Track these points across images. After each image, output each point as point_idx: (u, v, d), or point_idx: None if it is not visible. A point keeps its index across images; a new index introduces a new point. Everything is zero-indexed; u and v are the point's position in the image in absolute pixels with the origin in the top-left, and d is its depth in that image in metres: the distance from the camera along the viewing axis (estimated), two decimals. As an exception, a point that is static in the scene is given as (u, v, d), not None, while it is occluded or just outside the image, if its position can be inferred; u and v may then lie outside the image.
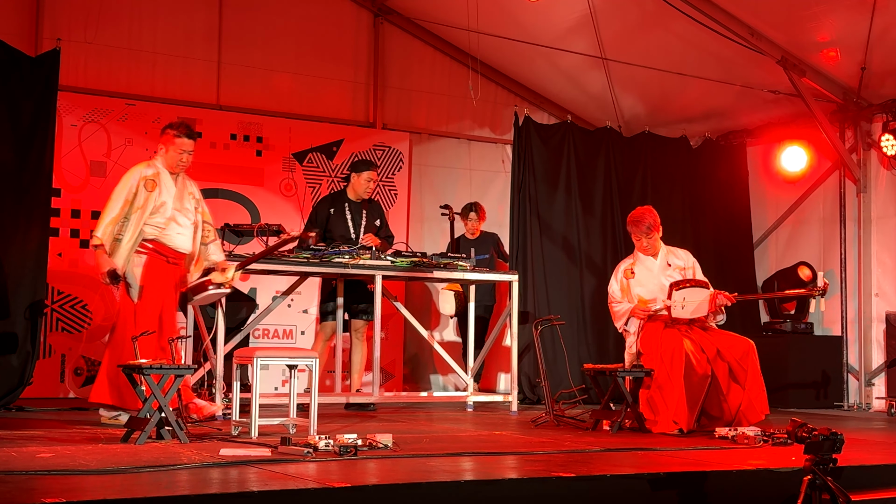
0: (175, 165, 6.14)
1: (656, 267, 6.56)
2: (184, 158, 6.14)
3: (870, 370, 9.06)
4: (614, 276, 6.71)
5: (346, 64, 9.77)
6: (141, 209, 6.00)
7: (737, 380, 6.13)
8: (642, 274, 6.57)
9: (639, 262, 6.64)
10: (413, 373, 9.86)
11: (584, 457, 4.79)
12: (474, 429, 6.39)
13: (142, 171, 6.11)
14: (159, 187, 6.07)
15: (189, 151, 6.15)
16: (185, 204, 6.19)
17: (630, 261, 6.70)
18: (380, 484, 3.74)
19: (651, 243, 6.56)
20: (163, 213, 6.07)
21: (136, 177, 6.07)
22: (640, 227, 6.55)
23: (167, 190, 6.11)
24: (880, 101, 8.91)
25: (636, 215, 6.62)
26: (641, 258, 6.64)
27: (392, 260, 7.24)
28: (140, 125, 8.73)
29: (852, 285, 9.26)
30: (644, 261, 6.62)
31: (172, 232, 6.11)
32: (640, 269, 6.60)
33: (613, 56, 9.05)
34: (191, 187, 6.28)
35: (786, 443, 5.32)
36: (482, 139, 10.32)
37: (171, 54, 8.98)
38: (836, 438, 3.73)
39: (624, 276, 6.63)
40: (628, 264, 6.69)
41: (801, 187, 9.74)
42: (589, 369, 6.57)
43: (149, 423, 5.00)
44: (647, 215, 6.56)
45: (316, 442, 4.63)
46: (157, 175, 6.10)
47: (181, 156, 6.13)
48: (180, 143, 6.12)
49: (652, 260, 6.59)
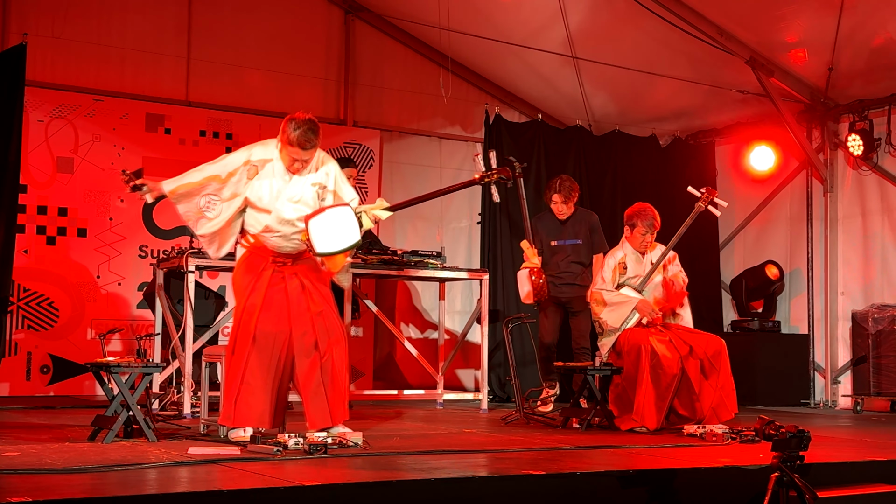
0: (289, 166, 5.06)
1: (644, 265, 6.45)
2: (297, 166, 5.03)
3: (836, 368, 9.15)
4: (607, 265, 6.46)
5: (317, 61, 9.73)
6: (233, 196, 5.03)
7: (708, 378, 6.15)
8: (633, 271, 6.42)
9: (628, 256, 6.46)
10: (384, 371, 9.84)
11: (554, 454, 4.80)
12: (445, 427, 6.38)
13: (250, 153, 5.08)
14: (262, 178, 5.03)
15: (304, 160, 5.00)
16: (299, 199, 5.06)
17: (621, 253, 6.48)
18: (350, 482, 3.72)
19: (648, 241, 6.46)
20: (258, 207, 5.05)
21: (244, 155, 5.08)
22: (646, 219, 6.39)
23: (271, 183, 5.04)
24: (847, 102, 8.99)
25: (642, 207, 6.46)
26: (629, 252, 6.47)
27: (362, 257, 7.23)
28: (108, 121, 8.65)
29: (819, 284, 9.34)
30: (630, 255, 6.47)
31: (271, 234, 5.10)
32: (631, 264, 6.44)
33: (584, 55, 9.07)
34: (317, 175, 5.10)
35: (754, 440, 5.35)
36: (453, 137, 10.31)
37: (140, 50, 8.90)
38: (802, 436, 3.76)
39: (618, 269, 6.41)
40: (620, 257, 6.46)
41: (769, 187, 9.82)
42: (559, 367, 6.58)
43: (116, 421, 4.95)
44: (652, 211, 6.44)
45: (286, 440, 4.61)
46: (264, 163, 5.04)
47: (293, 163, 5.03)
48: (290, 152, 4.99)
49: (639, 255, 6.48)
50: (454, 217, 10.14)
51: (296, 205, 5.04)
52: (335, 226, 4.86)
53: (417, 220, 10.05)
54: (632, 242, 6.48)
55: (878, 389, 8.29)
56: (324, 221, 4.84)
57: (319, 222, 4.83)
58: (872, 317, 8.36)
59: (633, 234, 6.46)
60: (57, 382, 8.33)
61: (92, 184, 8.58)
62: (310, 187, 5.06)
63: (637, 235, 6.43)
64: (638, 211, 6.47)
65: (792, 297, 9.64)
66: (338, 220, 4.86)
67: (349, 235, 4.87)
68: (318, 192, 5.07)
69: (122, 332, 8.33)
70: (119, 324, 8.32)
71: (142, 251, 8.73)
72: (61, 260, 8.44)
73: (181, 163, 8.79)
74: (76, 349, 8.35)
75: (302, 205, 5.04)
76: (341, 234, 4.86)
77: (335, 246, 4.86)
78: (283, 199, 5.03)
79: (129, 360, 5.17)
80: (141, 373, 5.11)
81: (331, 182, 5.12)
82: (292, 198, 5.04)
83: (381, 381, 9.71)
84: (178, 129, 8.93)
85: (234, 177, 5.04)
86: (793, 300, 9.63)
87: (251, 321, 4.96)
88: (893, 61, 8.16)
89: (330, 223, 4.85)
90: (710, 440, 5.47)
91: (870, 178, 9.01)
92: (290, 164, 5.01)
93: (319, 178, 5.09)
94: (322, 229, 4.83)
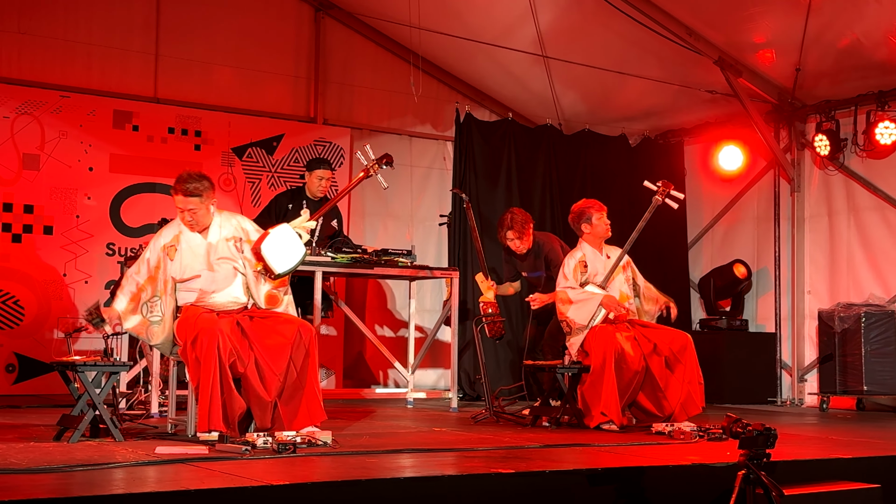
0: (184, 222, 5.28)
1: (602, 262, 6.46)
2: (188, 218, 5.23)
3: (802, 366, 9.23)
4: (567, 264, 6.45)
5: (287, 58, 9.69)
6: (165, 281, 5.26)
7: (674, 373, 6.18)
8: (594, 269, 6.41)
9: (587, 255, 6.46)
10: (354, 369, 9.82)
11: (523, 453, 4.81)
12: (414, 425, 6.38)
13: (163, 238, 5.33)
14: (180, 251, 5.26)
15: (191, 209, 5.19)
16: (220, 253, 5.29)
17: (580, 253, 6.47)
18: (319, 481, 3.72)
19: (607, 224, 6.46)
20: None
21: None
22: (596, 207, 6.44)
23: (189, 249, 5.27)
24: (814, 102, 9.07)
25: (584, 202, 6.53)
26: (588, 251, 6.47)
27: (332, 256, 7.21)
28: (75, 117, 8.57)
29: (786, 283, 9.42)
30: (589, 254, 6.47)
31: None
32: (591, 263, 6.43)
33: (554, 54, 9.10)
34: (228, 230, 5.34)
35: (721, 438, 5.39)
36: (423, 135, 10.30)
37: (107, 46, 8.82)
38: (769, 434, 3.79)
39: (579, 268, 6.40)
40: (580, 256, 6.45)
41: (737, 186, 9.89)
42: (528, 366, 6.59)
43: (82, 420, 4.91)
44: (598, 202, 6.51)
45: (254, 440, 4.59)
46: (176, 238, 5.29)
47: (184, 217, 5.25)
48: (177, 202, 5.23)
49: (597, 253, 6.49)
50: (425, 215, 10.13)
51: (220, 261, 5.25)
52: (283, 244, 5.21)
53: (388, 219, 10.04)
54: (593, 235, 6.48)
55: (844, 388, 8.37)
56: (273, 242, 5.17)
57: (270, 244, 5.16)
58: (838, 315, 8.44)
59: (593, 226, 6.47)
60: (23, 381, 8.25)
61: (58, 181, 8.49)
62: (226, 243, 5.29)
63: (598, 223, 6.46)
64: (584, 205, 6.52)
65: (759, 295, 9.72)
66: (283, 238, 5.22)
67: (297, 249, 5.24)
68: (234, 245, 5.31)
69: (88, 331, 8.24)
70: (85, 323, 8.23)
71: (109, 249, 8.65)
72: (27, 258, 8.36)
73: (149, 160, 8.78)
74: (42, 348, 8.27)
75: (225, 261, 5.26)
76: (290, 250, 5.22)
77: (289, 263, 5.21)
78: (206, 258, 5.25)
79: (95, 359, 5.13)
80: (108, 371, 5.07)
81: (245, 234, 5.35)
82: (215, 255, 5.26)
83: (351, 379, 9.69)
84: (146, 127, 8.86)
85: (160, 270, 5.26)
86: (760, 299, 9.71)
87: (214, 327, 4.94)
88: (860, 62, 8.24)
89: (278, 242, 5.19)
90: (679, 438, 5.51)
91: (836, 178, 9.10)
92: (182, 219, 5.23)
93: (232, 233, 5.33)
94: (274, 250, 5.17)
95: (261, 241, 5.16)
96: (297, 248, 5.21)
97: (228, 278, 5.27)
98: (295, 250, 5.20)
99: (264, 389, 4.93)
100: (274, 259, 5.15)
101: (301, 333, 5.06)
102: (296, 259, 5.20)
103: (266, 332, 5.06)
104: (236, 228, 5.35)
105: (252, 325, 5.10)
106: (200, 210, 5.22)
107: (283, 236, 5.19)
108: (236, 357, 4.94)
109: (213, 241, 5.28)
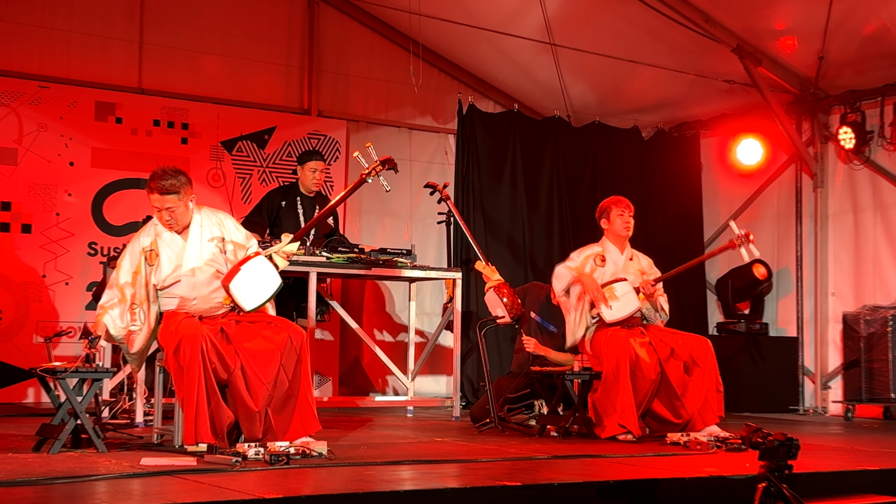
0: (162, 221, 5.28)
1: (622, 261, 6.53)
2: (165, 217, 5.23)
3: (826, 372, 9.23)
4: (579, 251, 6.56)
5: (279, 46, 9.69)
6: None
7: (693, 381, 6.19)
8: (611, 267, 6.47)
9: (607, 252, 6.53)
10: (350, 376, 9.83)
11: (530, 464, 4.81)
12: (414, 435, 6.38)
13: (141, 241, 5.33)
14: (159, 255, 5.26)
15: (168, 208, 5.19)
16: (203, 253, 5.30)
17: (599, 248, 6.55)
18: (314, 495, 3.72)
19: (630, 222, 6.51)
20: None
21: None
22: (620, 204, 6.52)
23: (168, 253, 5.28)
24: (838, 93, 9.07)
25: (615, 197, 6.61)
26: (609, 247, 6.54)
27: (327, 256, 7.21)
28: (55, 109, 8.58)
29: (808, 284, 9.42)
30: (611, 251, 6.54)
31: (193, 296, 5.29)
32: (610, 260, 6.51)
33: (562, 41, 9.10)
34: (210, 230, 5.34)
35: (740, 449, 5.39)
36: (424, 128, 10.31)
37: (88, 33, 8.82)
38: (791, 444, 3.79)
39: (594, 261, 6.46)
40: (598, 250, 6.54)
41: (756, 182, 9.89)
42: (535, 372, 6.59)
43: (63, 430, 4.91)
44: (621, 196, 6.59)
45: (245, 450, 4.59)
46: (154, 241, 5.29)
47: (161, 217, 5.25)
48: (152, 201, 5.21)
49: (618, 252, 6.55)
50: (425, 213, 10.13)
51: (203, 266, 5.23)
52: (255, 278, 5.13)
53: (386, 217, 10.04)
54: (612, 233, 6.55)
55: (870, 395, 8.37)
56: (243, 280, 5.10)
57: (239, 282, 5.10)
58: (864, 319, 8.44)
59: (611, 223, 6.54)
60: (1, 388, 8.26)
61: (37, 176, 8.50)
62: (207, 244, 5.28)
63: (616, 218, 6.52)
64: (608, 201, 6.61)
65: (780, 297, 9.72)
66: (255, 272, 5.14)
67: (270, 282, 5.16)
68: (217, 245, 5.29)
69: (69, 335, 8.26)
70: (67, 326, 8.26)
71: (91, 248, 8.66)
72: (4, 258, 8.36)
73: (133, 154, 8.79)
74: (20, 353, 8.27)
75: (207, 265, 5.24)
76: (263, 284, 5.15)
77: (261, 298, 5.15)
78: (187, 261, 5.22)
79: (77, 365, 5.13)
80: (90, 378, 5.07)
81: (227, 232, 5.34)
82: (196, 258, 5.23)
83: (347, 387, 9.69)
84: (129, 119, 8.86)
85: (139, 274, 5.25)
86: (781, 301, 9.71)
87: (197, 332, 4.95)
88: (886, 50, 8.24)
89: (249, 279, 5.11)
90: (695, 449, 5.51)
91: (862, 173, 9.10)
92: (160, 219, 5.22)
93: (214, 233, 5.31)
94: (243, 287, 5.11)
95: (231, 276, 5.10)
96: (269, 281, 5.15)
97: (212, 282, 5.25)
98: (268, 284, 5.15)
99: (251, 398, 4.93)
100: (243, 297, 5.10)
101: (292, 338, 5.06)
102: (268, 293, 5.15)
103: (253, 336, 5.06)
104: (218, 226, 5.34)
105: (238, 329, 5.09)
106: (179, 208, 5.20)
107: (256, 271, 5.13)
108: (219, 364, 4.94)
109: (195, 243, 5.26)
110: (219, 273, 5.25)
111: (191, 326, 5.02)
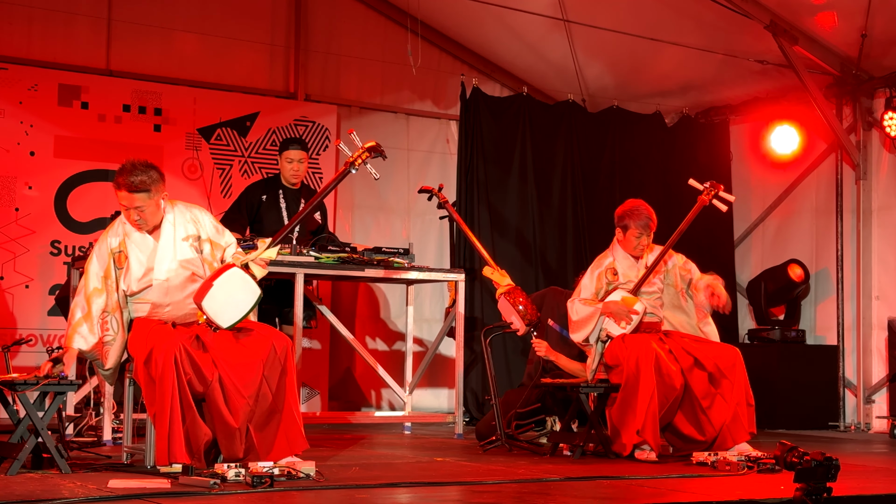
0: (131, 222, 5.27)
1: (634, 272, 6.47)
2: (134, 217, 5.22)
3: (869, 385, 9.23)
4: (590, 272, 6.51)
5: (263, 23, 9.69)
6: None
7: (721, 393, 6.18)
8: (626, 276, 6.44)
9: (618, 261, 6.51)
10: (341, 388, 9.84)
11: (541, 487, 4.81)
12: (412, 454, 6.39)
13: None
14: (128, 258, 5.27)
15: (137, 207, 5.18)
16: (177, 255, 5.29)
17: (609, 259, 6.53)
18: (300, 521, 3.72)
19: (644, 244, 6.46)
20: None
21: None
22: (640, 219, 6.41)
23: (138, 255, 5.28)
24: (883, 74, 9.06)
25: (634, 205, 6.49)
26: (620, 256, 6.52)
27: (315, 255, 7.20)
28: (14, 93, 8.59)
29: (850, 287, 9.42)
30: (621, 258, 6.51)
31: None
32: (622, 269, 6.47)
33: (577, 18, 9.10)
34: (185, 228, 5.34)
35: (773, 469, 5.39)
36: (423, 114, 10.31)
37: (50, 9, 8.83)
38: (830, 464, 3.80)
39: (606, 275, 6.44)
40: (608, 263, 6.50)
41: (792, 173, 9.89)
42: (547, 384, 6.59)
43: (23, 449, 4.91)
44: (646, 209, 6.46)
45: (224, 471, 4.60)
46: (122, 242, 5.29)
47: (129, 216, 5.24)
48: (120, 198, 5.22)
49: (629, 258, 6.51)
50: (424, 208, 10.13)
51: (175, 267, 5.22)
52: (230, 293, 5.07)
53: (381, 212, 10.05)
54: (625, 246, 6.52)
55: (919, 410, 8.38)
56: (216, 296, 5.05)
57: (212, 299, 5.04)
58: (912, 325, 8.46)
59: (626, 238, 6.49)
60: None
61: (-6, 168, 8.53)
62: (181, 244, 5.26)
63: (631, 239, 6.46)
64: (629, 210, 6.49)
65: (818, 301, 9.72)
66: (229, 286, 5.08)
67: (248, 295, 5.11)
68: (192, 244, 5.28)
69: (30, 343, 8.27)
70: (27, 334, 8.26)
71: (54, 248, 8.67)
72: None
73: (101, 143, 8.79)
74: (-25, 364, 8.29)
75: (182, 267, 5.23)
76: (239, 298, 5.09)
77: (239, 313, 5.09)
78: (159, 264, 5.21)
79: (37, 377, 5.13)
80: (52, 392, 5.07)
81: (203, 229, 5.34)
82: (169, 260, 5.21)
83: (338, 400, 9.70)
84: (97, 104, 8.87)
85: (109, 278, 5.24)
86: (819, 306, 9.71)
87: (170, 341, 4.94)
88: (936, 27, 8.25)
89: (223, 294, 5.06)
90: (723, 469, 5.51)
91: (909, 163, 9.11)
92: (128, 217, 5.20)
93: (189, 231, 5.30)
94: (217, 304, 5.05)
95: (203, 293, 5.07)
96: (247, 294, 5.11)
97: (186, 286, 5.25)
98: (245, 298, 5.10)
99: (230, 414, 4.93)
100: (217, 314, 5.05)
101: (275, 347, 5.05)
102: (246, 308, 5.11)
103: (232, 345, 5.05)
104: (193, 223, 5.33)
105: (215, 337, 5.08)
106: (149, 207, 5.19)
107: (230, 284, 5.08)
108: (194, 375, 4.93)
109: (167, 244, 5.25)
110: (195, 276, 5.25)
111: (163, 334, 5.01)
